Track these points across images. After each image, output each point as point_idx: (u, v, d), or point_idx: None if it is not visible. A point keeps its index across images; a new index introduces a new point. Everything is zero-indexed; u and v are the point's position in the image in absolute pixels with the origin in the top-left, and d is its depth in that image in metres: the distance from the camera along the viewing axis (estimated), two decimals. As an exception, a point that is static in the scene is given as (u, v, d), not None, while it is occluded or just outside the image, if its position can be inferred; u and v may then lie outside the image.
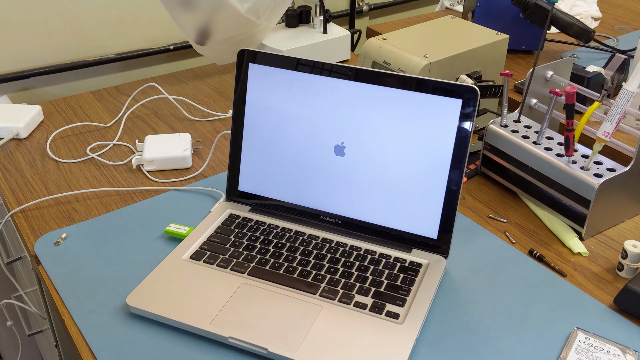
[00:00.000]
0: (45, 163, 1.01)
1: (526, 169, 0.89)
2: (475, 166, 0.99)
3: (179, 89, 1.25)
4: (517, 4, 1.23)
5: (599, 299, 0.75)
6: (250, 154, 0.85)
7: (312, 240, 0.80)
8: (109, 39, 1.37)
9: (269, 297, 0.72)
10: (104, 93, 1.23)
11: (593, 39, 1.23)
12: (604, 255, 0.83)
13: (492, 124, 0.93)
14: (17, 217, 0.90)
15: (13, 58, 1.29)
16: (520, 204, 0.92)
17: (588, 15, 1.46)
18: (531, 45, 1.33)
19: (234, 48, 1.17)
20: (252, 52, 0.82)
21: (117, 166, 1.00)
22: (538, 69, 0.94)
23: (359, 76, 0.78)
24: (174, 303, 0.71)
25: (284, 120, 0.82)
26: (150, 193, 0.94)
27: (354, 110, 0.79)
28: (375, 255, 0.78)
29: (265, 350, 0.66)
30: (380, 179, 0.79)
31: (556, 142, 0.89)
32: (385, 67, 0.98)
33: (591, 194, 0.82)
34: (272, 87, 0.82)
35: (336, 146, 0.80)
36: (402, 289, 0.73)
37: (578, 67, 1.12)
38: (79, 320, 0.72)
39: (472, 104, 0.74)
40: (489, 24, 1.25)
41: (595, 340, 0.69)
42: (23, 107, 1.13)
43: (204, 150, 1.04)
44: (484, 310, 0.73)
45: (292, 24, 1.31)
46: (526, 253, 0.83)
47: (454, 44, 0.98)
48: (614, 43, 1.38)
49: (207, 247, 0.79)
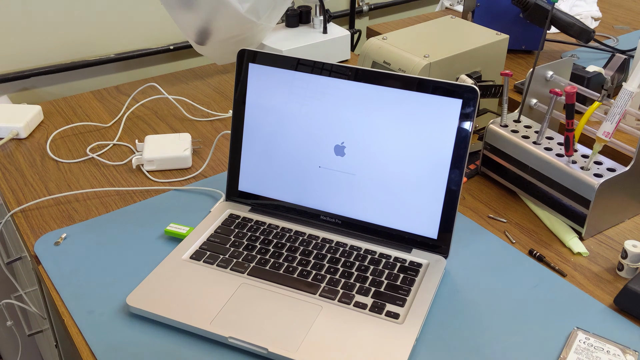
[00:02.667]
0: (45, 163, 1.01)
1: (526, 169, 0.89)
2: (475, 166, 0.99)
3: (179, 89, 1.25)
4: (517, 4, 1.23)
5: (599, 299, 0.75)
6: (250, 154, 0.85)
7: (312, 240, 0.80)
8: (109, 39, 1.37)
9: (269, 297, 0.72)
10: (104, 93, 1.23)
11: (593, 39, 1.23)
12: (604, 255, 0.83)
13: (492, 124, 0.93)
14: (17, 217, 0.90)
15: (13, 58, 1.29)
16: (520, 204, 0.92)
17: (588, 15, 1.46)
18: (531, 45, 1.33)
19: (234, 48, 1.17)
20: (252, 52, 0.82)
21: (117, 166, 1.00)
22: (538, 69, 0.94)
23: (359, 76, 0.78)
24: (174, 303, 0.71)
25: (284, 120, 0.82)
26: (150, 193, 0.94)
27: (354, 110, 0.79)
28: (375, 255, 0.78)
29: (265, 350, 0.66)
30: (380, 179, 0.79)
31: (556, 142, 0.89)
32: (385, 67, 0.98)
33: (591, 194, 0.82)
34: (272, 87, 0.82)
35: (336, 146, 0.80)
36: (402, 289, 0.73)
37: (578, 67, 1.12)
38: (79, 320, 0.72)
39: (472, 103, 0.74)
40: (489, 24, 1.24)
41: (595, 340, 0.69)
42: (23, 107, 1.13)
43: (204, 150, 1.04)
44: (484, 310, 0.73)
45: (292, 24, 1.31)
46: (526, 253, 0.83)
47: (454, 44, 0.98)
48: (614, 43, 1.38)
49: (207, 247, 0.79)
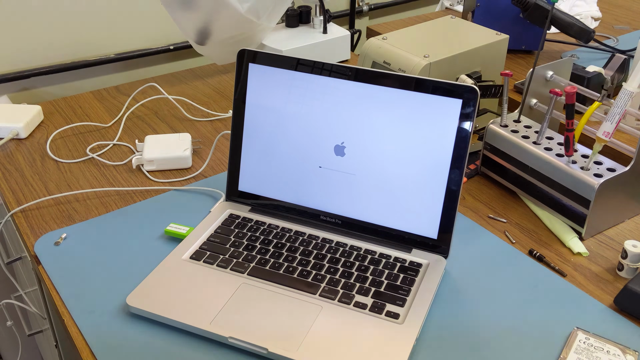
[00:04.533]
0: (45, 163, 1.01)
1: (526, 169, 0.89)
2: (475, 166, 0.99)
3: (179, 89, 1.25)
4: (517, 4, 1.23)
5: (599, 299, 0.75)
6: (250, 154, 0.85)
7: (312, 240, 0.80)
8: (109, 39, 1.37)
9: (269, 297, 0.72)
10: (104, 93, 1.23)
11: (593, 39, 1.23)
12: (604, 255, 0.83)
13: (492, 124, 0.93)
14: (17, 217, 0.90)
15: (13, 58, 1.29)
16: (520, 204, 0.92)
17: (588, 15, 1.46)
18: (531, 45, 1.33)
19: (234, 48, 1.17)
20: (252, 52, 0.82)
21: (117, 166, 1.00)
22: (538, 69, 0.94)
23: (359, 76, 0.78)
24: (174, 303, 0.71)
25: (284, 120, 0.82)
26: (150, 193, 0.94)
27: (354, 110, 0.79)
28: (375, 255, 0.78)
29: (265, 350, 0.66)
30: (380, 178, 0.79)
31: (556, 142, 0.89)
32: (385, 67, 0.98)
33: (591, 194, 0.82)
34: (272, 87, 0.82)
35: (336, 146, 0.80)
36: (402, 289, 0.73)
37: (578, 67, 1.12)
38: (79, 320, 0.72)
39: (472, 104, 0.74)
40: (489, 24, 1.24)
41: (595, 340, 0.69)
42: (23, 107, 1.13)
43: (204, 150, 1.04)
44: (483, 310, 0.73)
45: (292, 24, 1.31)
46: (526, 253, 0.83)
47: (454, 44, 0.98)
48: (614, 43, 1.38)
49: (207, 247, 0.79)
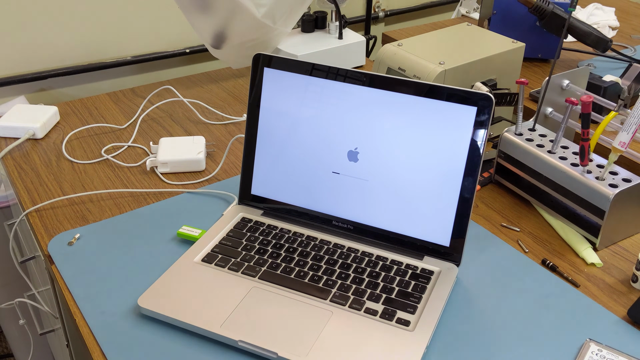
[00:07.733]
0: (61, 163, 1.02)
1: (540, 177, 0.89)
2: (489, 174, 0.98)
3: (194, 92, 1.25)
4: (534, 13, 1.22)
5: (612, 311, 0.75)
6: (263, 158, 0.85)
7: (324, 246, 0.80)
8: (126, 41, 1.39)
9: (279, 302, 0.72)
10: (120, 95, 1.24)
11: (610, 48, 1.22)
12: (618, 266, 0.82)
13: (507, 132, 0.93)
14: (31, 216, 0.90)
15: (31, 59, 1.31)
16: (534, 213, 0.92)
17: (605, 24, 1.45)
18: (547, 53, 1.32)
19: (249, 52, 1.18)
20: (267, 57, 0.83)
21: (131, 168, 1.01)
22: (554, 77, 0.94)
23: (374, 82, 0.78)
24: (185, 305, 0.71)
25: (298, 125, 0.82)
26: (164, 195, 0.94)
27: (368, 116, 0.79)
28: (386, 262, 0.78)
29: (275, 355, 0.66)
30: (393, 185, 0.78)
31: (571, 152, 0.89)
32: (400, 73, 0.98)
33: (606, 205, 0.81)
34: (287, 91, 0.82)
35: (349, 152, 0.80)
36: (413, 296, 0.73)
37: (594, 77, 1.11)
38: (91, 320, 0.72)
39: (487, 111, 0.73)
40: (505, 32, 1.24)
41: (607, 352, 0.68)
42: (40, 107, 1.14)
43: (217, 154, 1.05)
44: (495, 319, 0.73)
45: (307, 29, 1.31)
46: (539, 263, 0.82)
47: (470, 52, 0.98)
48: (631, 53, 1.37)
49: (218, 250, 0.80)
